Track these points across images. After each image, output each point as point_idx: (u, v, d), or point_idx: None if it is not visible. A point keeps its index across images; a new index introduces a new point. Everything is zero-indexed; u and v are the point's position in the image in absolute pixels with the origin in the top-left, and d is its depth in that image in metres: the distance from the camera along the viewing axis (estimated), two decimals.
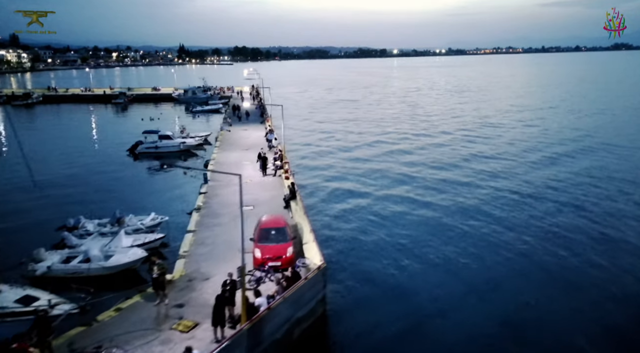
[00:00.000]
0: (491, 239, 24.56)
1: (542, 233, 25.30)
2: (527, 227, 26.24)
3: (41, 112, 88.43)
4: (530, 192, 32.42)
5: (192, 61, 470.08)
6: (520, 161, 41.51)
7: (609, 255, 22.64)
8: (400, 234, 25.55)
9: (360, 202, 31.22)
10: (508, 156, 43.63)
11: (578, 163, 40.45)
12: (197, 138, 50.12)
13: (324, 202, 31.60)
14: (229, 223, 23.05)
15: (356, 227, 26.77)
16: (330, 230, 26.05)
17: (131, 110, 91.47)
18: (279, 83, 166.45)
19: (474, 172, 38.16)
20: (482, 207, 29.47)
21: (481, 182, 34.94)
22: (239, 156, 38.42)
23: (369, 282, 20.11)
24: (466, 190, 32.99)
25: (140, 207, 28.10)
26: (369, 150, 48.20)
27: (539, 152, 45.19)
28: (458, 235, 25.21)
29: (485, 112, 76.42)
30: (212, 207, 25.60)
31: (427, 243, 24.27)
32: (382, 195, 32.76)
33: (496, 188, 33.39)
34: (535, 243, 24.02)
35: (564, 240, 24.29)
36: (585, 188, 32.83)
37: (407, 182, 36.00)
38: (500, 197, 31.35)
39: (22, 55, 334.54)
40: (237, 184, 29.16)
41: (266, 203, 26.07)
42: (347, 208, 30.03)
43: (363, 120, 69.12)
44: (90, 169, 41.35)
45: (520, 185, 33.93)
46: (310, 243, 18.86)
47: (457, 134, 55.92)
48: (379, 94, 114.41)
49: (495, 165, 40.12)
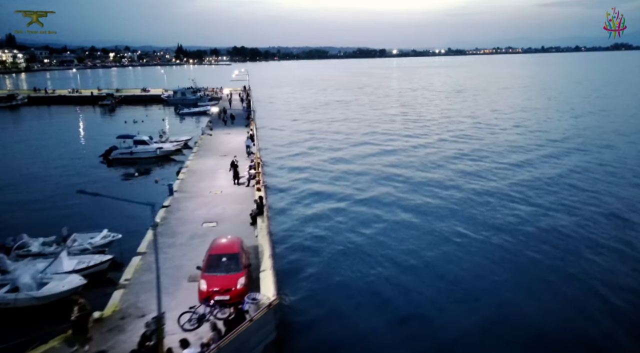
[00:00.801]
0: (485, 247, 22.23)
1: (515, 234, 23.61)
2: (510, 230, 24.89)
3: (25, 114, 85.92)
4: (507, 192, 31.28)
5: (190, 61, 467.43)
6: (502, 162, 40.59)
7: (599, 257, 20.70)
8: (378, 244, 23.31)
9: (337, 206, 29.37)
10: (495, 157, 42.24)
11: (562, 163, 39.28)
12: (176, 143, 47.66)
13: (298, 204, 29.87)
14: (184, 244, 20.65)
15: (329, 235, 24.54)
16: (299, 240, 23.76)
17: (119, 112, 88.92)
18: (274, 84, 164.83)
19: (457, 173, 36.22)
20: (467, 212, 27.13)
21: (464, 184, 32.67)
22: (214, 163, 36.01)
23: (336, 314, 17.65)
24: (446, 191, 30.79)
25: (97, 222, 25.67)
26: (353, 151, 46.61)
27: (521, 153, 43.70)
28: (442, 241, 22.88)
29: (477, 113, 74.55)
30: (170, 224, 23.18)
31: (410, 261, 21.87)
32: (361, 198, 30.88)
33: (486, 190, 31.12)
34: (514, 245, 21.91)
35: (534, 236, 22.03)
36: (565, 192, 31.34)
37: (387, 184, 34.42)
38: (492, 199, 29.03)
39: (18, 55, 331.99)
40: (205, 196, 26.95)
41: (231, 219, 23.69)
42: (320, 212, 28.23)
43: (352, 121, 67.42)
44: (56, 175, 38.85)
45: (501, 187, 32.30)
46: (267, 271, 16.48)
47: (444, 135, 54.45)
48: (371, 95, 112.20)
49: (481, 166, 38.07)
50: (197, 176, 32.28)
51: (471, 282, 19.89)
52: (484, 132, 56.49)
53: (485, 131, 56.88)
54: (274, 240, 24.72)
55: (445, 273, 20.67)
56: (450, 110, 79.68)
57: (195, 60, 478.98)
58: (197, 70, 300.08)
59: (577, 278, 20.15)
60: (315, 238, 24.59)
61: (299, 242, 24.19)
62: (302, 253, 22.74)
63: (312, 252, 22.75)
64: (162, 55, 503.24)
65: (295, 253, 22.69)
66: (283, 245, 23.64)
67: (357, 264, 21.50)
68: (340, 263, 21.67)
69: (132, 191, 34.46)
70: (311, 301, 18.34)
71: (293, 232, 25.69)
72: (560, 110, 76.01)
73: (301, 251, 22.95)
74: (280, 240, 24.23)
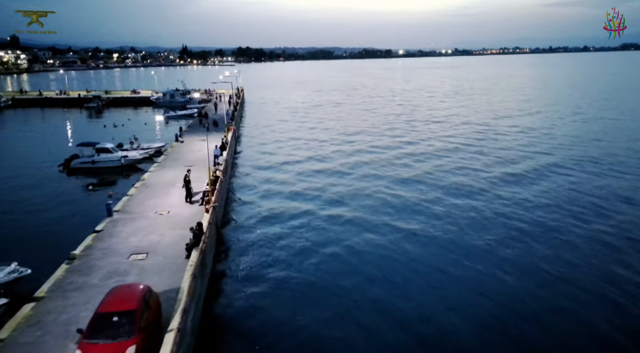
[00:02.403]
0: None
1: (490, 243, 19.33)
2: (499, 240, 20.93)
3: (6, 116, 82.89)
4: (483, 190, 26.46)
5: (194, 62, 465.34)
6: (484, 166, 37.62)
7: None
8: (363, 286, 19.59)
9: (308, 221, 26.68)
10: (488, 163, 39.19)
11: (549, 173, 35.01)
12: (147, 150, 44.12)
13: (265, 219, 27.14)
14: (96, 286, 16.82)
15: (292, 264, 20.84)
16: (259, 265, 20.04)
17: (106, 114, 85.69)
18: (270, 84, 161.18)
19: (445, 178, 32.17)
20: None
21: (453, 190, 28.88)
22: (175, 175, 32.15)
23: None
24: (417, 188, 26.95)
25: (13, 250, 22.10)
26: (335, 154, 44.64)
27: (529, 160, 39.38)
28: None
29: (469, 115, 72.12)
30: (91, 256, 19.40)
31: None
32: (335, 214, 27.31)
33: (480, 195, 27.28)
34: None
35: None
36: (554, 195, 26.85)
37: (363, 190, 32.30)
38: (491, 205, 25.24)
39: (21, 56, 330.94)
40: (148, 217, 23.09)
41: (166, 250, 19.89)
42: (289, 229, 25.13)
43: (338, 122, 66.64)
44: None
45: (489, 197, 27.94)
46: (171, 333, 12.68)
47: (433, 139, 52.92)
48: (365, 96, 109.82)
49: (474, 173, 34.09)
50: (149, 191, 28.57)
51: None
52: (475, 135, 54.12)
53: (476, 134, 54.06)
54: (231, 269, 21.25)
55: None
56: (441, 111, 77.50)
57: (200, 61, 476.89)
58: (200, 71, 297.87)
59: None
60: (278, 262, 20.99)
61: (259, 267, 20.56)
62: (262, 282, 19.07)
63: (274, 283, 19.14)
64: (166, 56, 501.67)
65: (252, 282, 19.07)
66: (238, 275, 20.23)
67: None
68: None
69: (79, 209, 30.65)
70: None
71: (253, 255, 22.30)
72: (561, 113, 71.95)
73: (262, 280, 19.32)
74: (236, 270, 20.83)
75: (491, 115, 71.56)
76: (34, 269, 19.34)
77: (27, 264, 19.61)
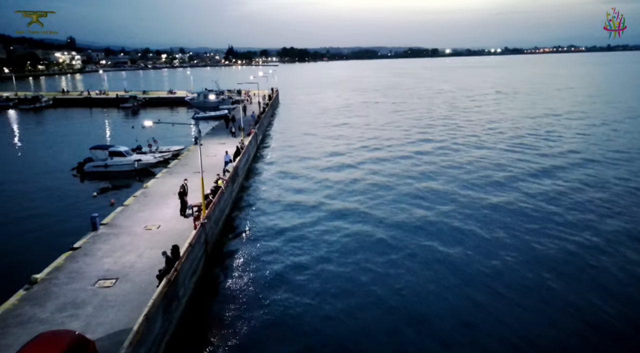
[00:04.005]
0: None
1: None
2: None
3: (47, 116, 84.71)
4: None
5: (238, 62, 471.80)
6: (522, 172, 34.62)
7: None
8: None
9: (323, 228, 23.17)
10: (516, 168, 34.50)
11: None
12: (163, 154, 42.51)
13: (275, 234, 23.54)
14: (45, 322, 14.50)
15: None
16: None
17: (142, 114, 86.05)
18: (306, 85, 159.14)
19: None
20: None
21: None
22: (178, 184, 29.90)
23: None
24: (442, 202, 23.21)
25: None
26: (361, 166, 40.63)
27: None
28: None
29: (500, 117, 67.83)
30: (56, 280, 17.19)
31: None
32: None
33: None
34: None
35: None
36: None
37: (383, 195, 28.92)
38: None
39: (76, 57, 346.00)
40: (134, 233, 21.13)
41: (140, 274, 17.46)
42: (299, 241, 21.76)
43: (370, 127, 62.79)
44: (7, 191, 34.63)
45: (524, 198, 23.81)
46: None
47: (460, 140, 50.20)
48: (399, 97, 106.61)
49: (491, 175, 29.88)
50: (146, 202, 26.48)
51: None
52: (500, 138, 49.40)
53: (501, 138, 49.05)
54: (216, 305, 18.59)
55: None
56: (477, 113, 72.97)
57: (244, 61, 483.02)
58: (243, 71, 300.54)
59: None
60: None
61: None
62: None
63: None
64: (212, 57, 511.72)
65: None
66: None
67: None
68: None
69: (73, 218, 28.52)
70: None
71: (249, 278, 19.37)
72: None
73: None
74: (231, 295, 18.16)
75: (529, 118, 66.07)
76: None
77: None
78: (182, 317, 16.85)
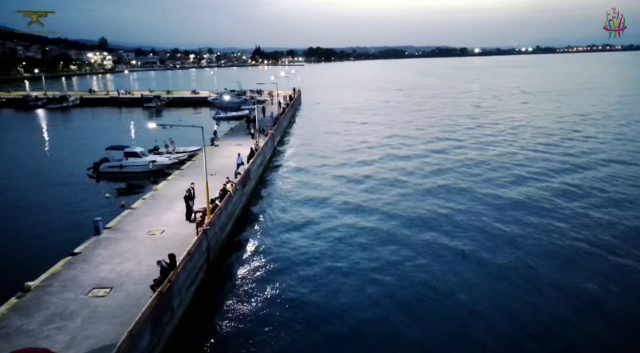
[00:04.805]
0: None
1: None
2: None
3: (73, 115, 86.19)
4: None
5: (265, 62, 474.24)
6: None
7: None
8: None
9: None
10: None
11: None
12: (179, 155, 42.09)
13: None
14: (30, 334, 13.79)
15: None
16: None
17: (166, 114, 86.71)
18: (329, 84, 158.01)
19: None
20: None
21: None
22: (188, 186, 29.34)
23: None
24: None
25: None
26: (380, 172, 38.44)
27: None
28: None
29: (527, 117, 65.53)
30: (49, 288, 16.58)
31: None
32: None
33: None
34: None
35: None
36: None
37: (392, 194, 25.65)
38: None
39: (107, 57, 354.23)
40: (136, 238, 20.49)
41: (134, 285, 16.67)
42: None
43: (385, 125, 62.23)
44: (20, 188, 34.75)
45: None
46: None
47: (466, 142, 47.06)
48: (421, 97, 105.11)
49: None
50: (154, 205, 25.87)
51: None
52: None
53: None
54: (215, 319, 17.57)
55: None
56: (502, 112, 70.06)
57: (271, 61, 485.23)
58: (270, 71, 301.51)
59: None
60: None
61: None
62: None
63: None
64: (239, 57, 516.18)
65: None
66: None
67: None
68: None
69: (81, 221, 28.00)
70: None
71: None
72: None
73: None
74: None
75: (553, 121, 63.25)
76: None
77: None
78: (176, 331, 15.98)
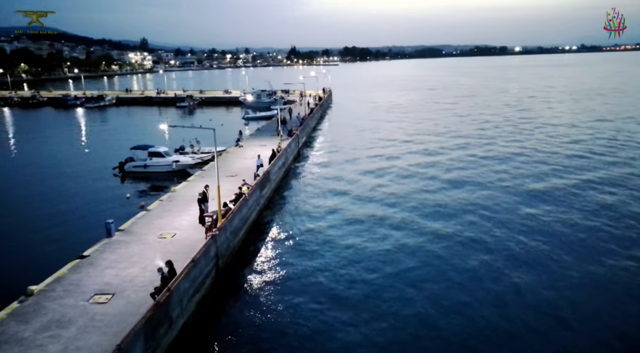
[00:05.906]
0: None
1: None
2: None
3: (109, 113, 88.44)
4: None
5: (300, 62, 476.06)
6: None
7: None
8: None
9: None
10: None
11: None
12: (203, 155, 41.93)
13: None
14: (24, 342, 13.41)
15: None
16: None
17: (198, 113, 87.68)
18: (360, 84, 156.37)
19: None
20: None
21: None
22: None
23: None
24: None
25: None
26: (410, 177, 36.67)
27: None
28: None
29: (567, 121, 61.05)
30: (52, 292, 16.24)
31: None
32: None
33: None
34: None
35: None
36: None
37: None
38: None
39: (147, 57, 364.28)
40: (147, 242, 20.17)
41: (136, 292, 16.14)
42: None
43: (416, 125, 59.06)
44: (46, 188, 35.25)
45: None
46: None
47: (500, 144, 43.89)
48: (456, 97, 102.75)
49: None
50: (169, 207, 25.52)
51: None
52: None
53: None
54: (218, 332, 16.84)
55: None
56: (542, 116, 66.47)
57: (306, 61, 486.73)
58: (304, 71, 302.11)
59: None
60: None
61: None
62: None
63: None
64: (275, 57, 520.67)
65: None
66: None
67: None
68: None
69: (99, 221, 28.02)
70: None
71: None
72: None
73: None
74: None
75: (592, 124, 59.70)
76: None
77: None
78: (175, 343, 15.32)
